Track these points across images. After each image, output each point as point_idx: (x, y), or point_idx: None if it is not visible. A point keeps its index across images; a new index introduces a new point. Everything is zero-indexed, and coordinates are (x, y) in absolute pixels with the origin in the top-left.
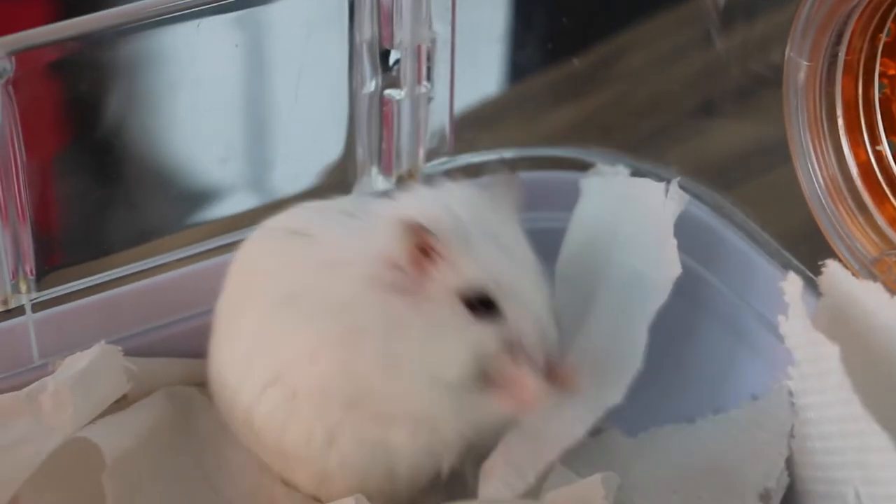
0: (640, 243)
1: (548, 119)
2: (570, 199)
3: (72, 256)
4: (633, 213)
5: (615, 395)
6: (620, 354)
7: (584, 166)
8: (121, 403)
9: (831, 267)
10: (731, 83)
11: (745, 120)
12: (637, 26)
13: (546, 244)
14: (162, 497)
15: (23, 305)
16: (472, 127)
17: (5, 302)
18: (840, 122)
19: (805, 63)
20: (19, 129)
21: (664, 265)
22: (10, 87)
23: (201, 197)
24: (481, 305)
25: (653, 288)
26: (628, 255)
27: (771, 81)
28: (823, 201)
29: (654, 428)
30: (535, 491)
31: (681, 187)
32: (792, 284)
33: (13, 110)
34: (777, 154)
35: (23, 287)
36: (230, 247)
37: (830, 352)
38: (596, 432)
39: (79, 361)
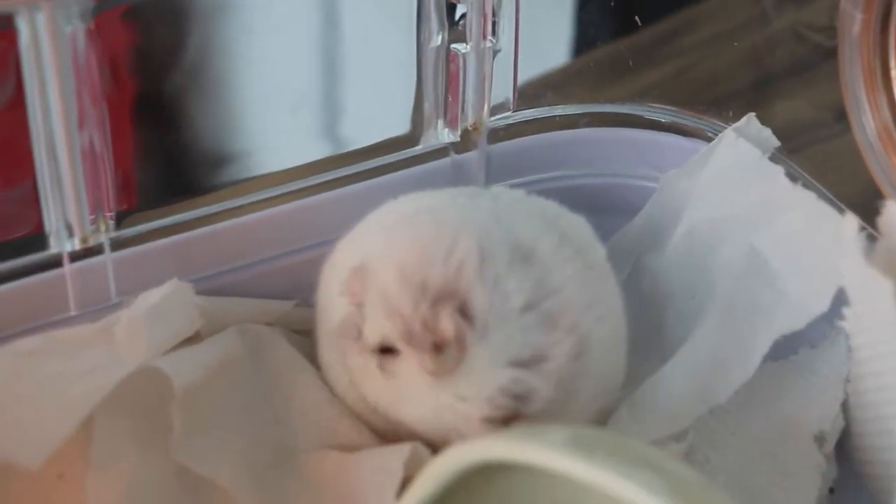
0: (792, 260)
1: (612, 85)
2: (633, 156)
3: (149, 199)
4: (791, 224)
5: (721, 395)
6: (734, 360)
7: (648, 124)
8: (193, 340)
9: (891, 208)
10: (792, 56)
11: (809, 89)
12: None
13: (608, 200)
14: (229, 428)
15: (101, 244)
16: (537, 84)
17: (85, 240)
18: (893, 73)
19: (859, 15)
20: (99, 71)
21: (813, 297)
22: (92, 30)
23: (274, 144)
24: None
25: (790, 312)
26: (771, 261)
27: (831, 52)
28: (876, 151)
29: None
30: None
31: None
32: (849, 224)
33: (95, 52)
34: (838, 123)
35: (102, 226)
36: (299, 193)
37: (884, 287)
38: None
39: (152, 297)
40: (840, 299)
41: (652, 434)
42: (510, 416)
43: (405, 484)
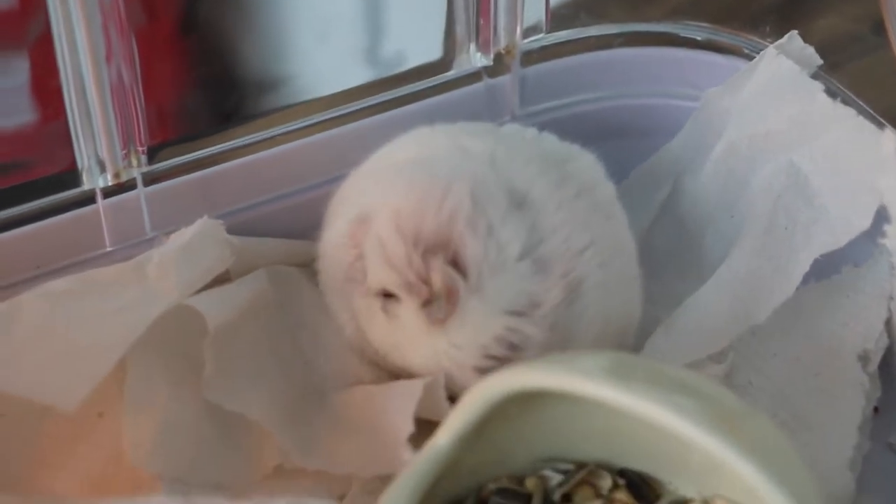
0: (832, 177)
1: (646, 4)
2: (670, 76)
3: (181, 132)
4: (831, 141)
5: (760, 315)
6: (774, 279)
7: (684, 43)
8: (224, 280)
9: None
10: None
11: (846, 2)
12: None
13: (645, 121)
14: (259, 368)
15: (134, 179)
16: (570, 4)
17: (117, 175)
18: None
19: None
20: (126, 2)
21: (854, 214)
22: None
23: (305, 72)
24: None
25: (832, 228)
26: (811, 179)
27: None
28: None
29: None
30: None
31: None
32: (888, 139)
33: None
34: (876, 36)
35: (134, 161)
36: (331, 122)
37: None
38: None
39: (183, 235)
40: (882, 217)
41: (689, 355)
42: (501, 363)
43: (425, 428)
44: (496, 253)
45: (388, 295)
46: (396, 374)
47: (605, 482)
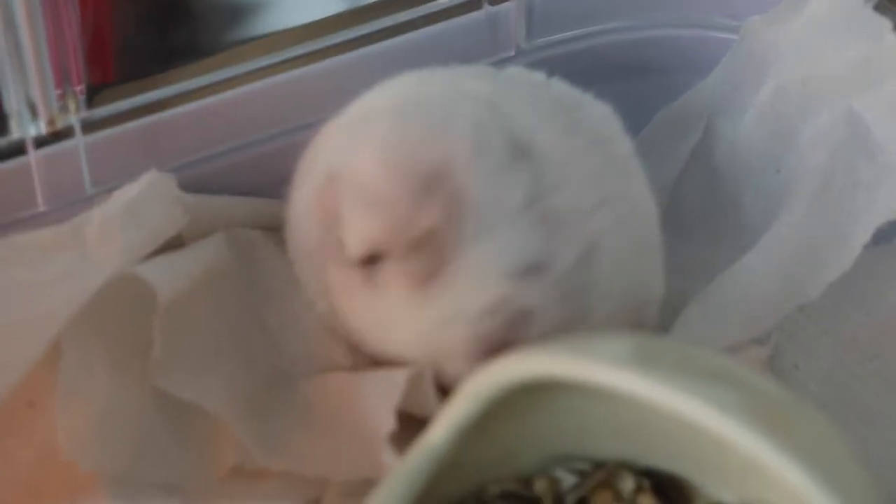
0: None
1: None
2: (704, 1)
3: (126, 72)
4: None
5: (812, 291)
6: (829, 248)
7: None
8: (175, 245)
9: None
10: None
11: None
12: None
13: (674, 55)
14: (216, 349)
15: (71, 126)
16: None
17: (51, 122)
18: None
19: None
20: None
21: None
22: None
23: (269, 0)
24: None
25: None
26: (874, 131)
27: None
28: None
29: None
30: None
31: None
32: None
33: None
34: None
35: (71, 106)
36: (303, 59)
37: None
38: None
39: (127, 192)
40: None
41: (728, 337)
42: (502, 345)
43: (410, 425)
44: (496, 201)
45: (370, 261)
46: (376, 359)
47: (627, 484)
